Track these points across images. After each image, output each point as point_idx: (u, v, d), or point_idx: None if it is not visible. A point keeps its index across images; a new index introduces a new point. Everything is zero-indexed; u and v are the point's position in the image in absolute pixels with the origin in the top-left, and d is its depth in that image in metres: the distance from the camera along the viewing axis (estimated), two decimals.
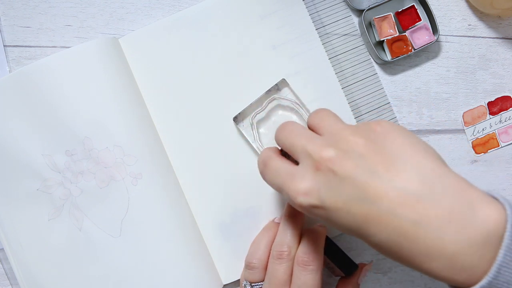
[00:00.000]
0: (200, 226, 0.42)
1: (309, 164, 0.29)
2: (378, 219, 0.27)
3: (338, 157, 0.28)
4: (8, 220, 0.40)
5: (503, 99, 0.45)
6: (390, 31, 0.43)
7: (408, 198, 0.26)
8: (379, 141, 0.29)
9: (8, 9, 0.43)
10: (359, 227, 0.28)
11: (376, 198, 0.27)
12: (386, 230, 0.27)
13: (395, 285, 0.44)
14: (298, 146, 0.31)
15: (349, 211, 0.27)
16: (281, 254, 0.36)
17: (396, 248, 0.27)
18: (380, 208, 0.27)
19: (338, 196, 0.28)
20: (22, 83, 0.40)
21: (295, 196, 0.29)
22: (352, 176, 0.27)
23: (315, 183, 0.28)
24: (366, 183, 0.27)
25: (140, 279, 0.40)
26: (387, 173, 0.27)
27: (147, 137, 0.41)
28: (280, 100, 0.42)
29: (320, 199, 0.28)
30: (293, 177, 0.30)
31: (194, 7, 0.43)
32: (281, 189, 0.31)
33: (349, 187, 0.27)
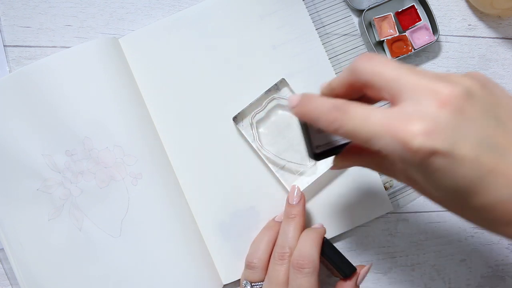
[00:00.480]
0: (200, 226, 0.42)
1: (429, 100, 0.23)
2: (508, 171, 0.23)
3: (467, 96, 0.24)
4: (8, 220, 0.40)
5: None
6: (390, 31, 0.43)
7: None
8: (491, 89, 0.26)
9: (8, 9, 0.43)
10: (480, 180, 0.23)
11: (506, 148, 0.23)
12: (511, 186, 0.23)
13: (395, 285, 0.44)
14: (406, 78, 0.24)
15: (477, 159, 0.23)
16: (283, 255, 0.36)
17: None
18: (510, 158, 0.23)
19: (466, 140, 0.23)
20: (22, 83, 0.40)
21: (412, 138, 0.23)
22: (482, 119, 0.23)
23: (439, 123, 0.23)
24: (496, 130, 0.24)
25: (140, 279, 0.40)
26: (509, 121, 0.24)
27: (147, 137, 0.41)
28: (279, 99, 0.42)
29: (448, 142, 0.23)
30: (404, 116, 0.23)
31: (194, 7, 0.43)
32: (377, 137, 0.24)
33: (480, 131, 0.23)
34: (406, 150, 0.23)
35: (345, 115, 0.26)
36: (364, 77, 0.26)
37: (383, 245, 0.44)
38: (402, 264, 0.44)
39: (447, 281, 0.44)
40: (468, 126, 0.23)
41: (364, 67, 0.26)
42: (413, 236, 0.44)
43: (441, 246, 0.44)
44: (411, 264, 0.44)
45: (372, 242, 0.44)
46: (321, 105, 0.27)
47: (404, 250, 0.44)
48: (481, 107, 0.24)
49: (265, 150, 0.41)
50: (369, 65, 0.26)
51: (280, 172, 0.42)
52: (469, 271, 0.44)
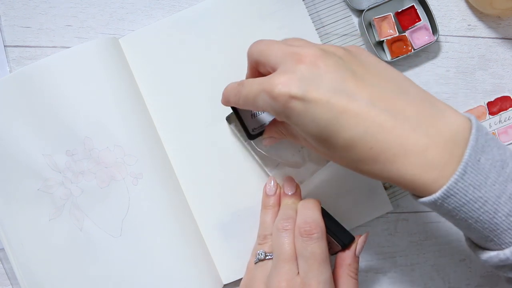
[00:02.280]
0: (200, 226, 0.42)
1: (290, 61, 0.29)
2: (358, 111, 0.27)
3: (322, 54, 0.29)
4: (9, 220, 0.40)
5: (502, 99, 0.45)
6: (390, 31, 0.43)
7: (385, 95, 0.28)
8: (356, 54, 0.31)
9: (8, 9, 0.43)
10: (335, 120, 0.27)
11: (356, 92, 0.27)
12: (364, 122, 0.27)
13: (395, 284, 0.44)
14: (278, 50, 0.30)
15: (329, 102, 0.27)
16: (286, 225, 0.36)
17: (370, 143, 0.27)
18: (360, 101, 0.27)
19: (319, 87, 0.27)
20: (23, 83, 0.40)
21: (274, 88, 0.28)
22: (334, 70, 0.28)
23: (296, 74, 0.28)
24: (347, 78, 0.28)
25: (141, 278, 0.40)
26: (366, 74, 0.29)
27: (147, 137, 0.41)
28: None
29: (300, 88, 0.28)
30: (273, 75, 0.29)
31: (194, 7, 0.43)
32: (258, 95, 0.30)
33: (331, 80, 0.28)
34: (272, 99, 0.28)
35: (242, 86, 0.32)
36: (253, 57, 0.32)
37: (383, 245, 0.44)
38: (402, 264, 0.44)
39: (447, 281, 0.44)
40: (321, 76, 0.28)
41: (252, 49, 0.33)
42: (413, 236, 0.44)
43: (440, 246, 0.44)
44: (411, 264, 0.44)
45: (372, 242, 0.44)
46: (231, 85, 0.34)
47: (404, 250, 0.44)
48: (336, 62, 0.28)
49: (258, 150, 0.41)
50: (255, 47, 0.32)
51: (274, 171, 0.42)
52: (469, 271, 0.44)
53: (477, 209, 0.27)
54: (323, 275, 0.34)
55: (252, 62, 0.33)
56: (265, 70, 0.32)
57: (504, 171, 0.27)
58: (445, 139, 0.27)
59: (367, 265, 0.44)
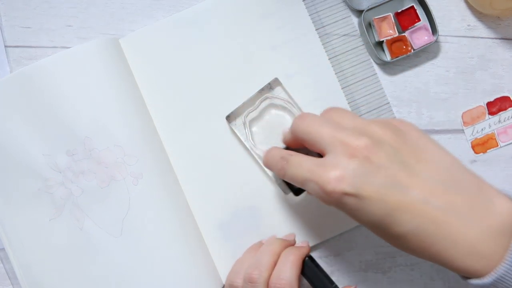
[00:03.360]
0: (200, 226, 0.42)
1: (341, 152, 0.29)
2: (411, 207, 0.28)
3: (374, 146, 0.29)
4: (9, 220, 0.40)
5: (502, 99, 0.45)
6: (389, 32, 0.43)
7: (438, 188, 0.28)
8: (403, 135, 0.31)
9: (9, 10, 0.43)
10: (388, 216, 0.28)
11: (409, 187, 0.28)
12: (417, 218, 0.28)
13: (395, 285, 0.44)
14: (326, 135, 0.30)
15: (382, 199, 0.28)
16: (252, 278, 0.35)
17: (422, 237, 0.28)
18: (413, 196, 0.28)
19: (373, 184, 0.28)
20: (23, 83, 0.40)
21: (327, 184, 0.28)
22: (386, 165, 0.28)
23: (348, 170, 0.28)
24: (400, 172, 0.28)
25: (141, 278, 0.40)
26: (418, 165, 0.29)
27: (147, 137, 0.41)
28: (272, 99, 0.43)
29: (354, 186, 0.28)
30: (324, 165, 0.29)
31: (194, 8, 0.43)
32: (307, 181, 0.30)
33: (384, 175, 0.28)
34: (324, 193, 0.29)
35: (287, 164, 0.32)
36: (299, 136, 0.32)
37: (383, 245, 0.44)
38: (402, 264, 0.44)
39: (447, 281, 0.44)
40: (374, 171, 0.28)
41: (298, 128, 0.32)
42: None
43: None
44: (411, 264, 0.44)
45: (372, 242, 0.44)
46: (273, 156, 0.34)
47: None
48: (388, 154, 0.29)
49: (258, 149, 0.42)
50: (301, 125, 0.32)
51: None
52: None
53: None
54: None
55: (297, 138, 0.33)
56: (311, 148, 0.32)
57: None
58: (494, 230, 0.28)
59: (367, 265, 0.44)
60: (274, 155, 0.34)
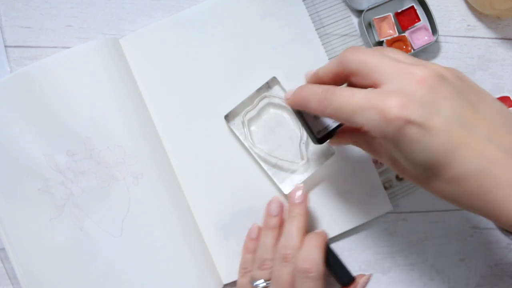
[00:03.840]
0: (200, 226, 0.42)
1: (406, 79, 0.27)
2: (475, 145, 0.26)
3: (441, 77, 0.27)
4: (10, 219, 0.40)
5: (502, 99, 0.45)
6: (389, 32, 0.44)
7: (500, 129, 0.27)
8: (462, 78, 0.29)
9: (9, 10, 0.43)
10: (449, 152, 0.26)
11: (475, 125, 0.26)
12: (479, 157, 0.26)
13: (394, 284, 0.44)
14: (387, 65, 0.28)
15: (447, 132, 0.26)
16: (286, 256, 0.35)
17: (482, 179, 0.26)
18: (479, 134, 0.26)
19: (440, 115, 0.26)
20: (23, 83, 0.40)
21: (389, 108, 0.26)
22: (453, 98, 0.26)
23: (416, 96, 0.26)
24: (466, 107, 0.26)
25: (141, 278, 0.40)
26: (481, 105, 0.27)
27: (147, 137, 0.41)
28: (271, 98, 0.43)
29: (420, 114, 0.25)
30: (384, 93, 0.27)
31: (194, 8, 0.43)
32: (361, 109, 0.27)
33: (452, 108, 0.26)
34: (384, 121, 0.26)
35: (333, 94, 0.29)
36: (351, 66, 0.29)
37: (383, 244, 0.44)
38: (402, 263, 0.44)
39: (446, 281, 0.44)
40: (441, 102, 0.26)
41: (352, 57, 0.29)
42: (413, 236, 0.44)
43: (440, 246, 0.44)
44: (411, 263, 0.44)
45: (372, 241, 0.44)
46: (312, 89, 0.31)
47: (404, 250, 0.44)
48: (453, 88, 0.27)
49: (257, 148, 0.42)
50: (356, 55, 0.29)
51: (272, 170, 0.42)
52: (468, 270, 0.45)
53: None
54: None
55: (344, 70, 0.30)
56: (362, 82, 0.29)
57: None
58: None
59: (367, 265, 0.44)
60: (312, 88, 0.31)
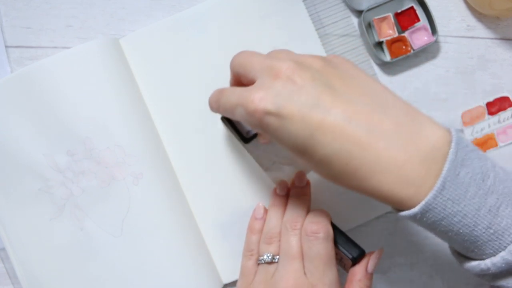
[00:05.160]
0: (200, 226, 0.42)
1: (267, 75, 0.29)
2: (333, 127, 0.27)
3: (298, 68, 0.29)
4: (10, 219, 0.40)
5: (501, 99, 0.45)
6: (389, 32, 0.44)
7: (362, 109, 0.28)
8: (333, 64, 0.30)
9: (9, 10, 0.43)
10: (310, 136, 0.27)
11: (332, 107, 0.27)
12: (340, 138, 0.27)
13: (394, 284, 0.44)
14: (256, 63, 0.31)
15: (303, 118, 0.27)
16: (296, 225, 0.35)
17: (346, 159, 0.27)
18: (336, 116, 0.27)
19: (294, 103, 0.28)
20: (24, 83, 0.40)
21: (250, 103, 0.28)
22: (309, 85, 0.28)
23: (271, 90, 0.28)
24: (322, 92, 0.28)
25: (141, 278, 0.40)
26: (343, 87, 0.29)
27: (147, 137, 0.41)
28: None
29: (275, 104, 0.28)
30: (250, 89, 0.29)
31: (195, 8, 0.43)
32: (235, 106, 0.30)
33: (306, 95, 0.28)
34: (248, 114, 0.29)
35: (221, 94, 0.33)
36: (234, 69, 0.33)
37: (383, 244, 0.44)
38: (401, 263, 0.44)
39: (446, 281, 0.44)
40: (297, 91, 0.28)
41: (233, 61, 0.33)
42: (412, 236, 0.44)
43: (440, 245, 0.44)
44: (410, 263, 0.44)
45: (372, 241, 0.44)
46: (214, 93, 0.35)
47: (403, 250, 0.44)
48: (311, 76, 0.28)
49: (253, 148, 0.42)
50: (236, 58, 0.33)
51: (270, 169, 0.42)
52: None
53: (457, 222, 0.27)
54: (328, 277, 0.34)
55: (233, 73, 0.34)
56: (246, 81, 0.32)
57: (484, 184, 0.27)
58: (423, 155, 0.27)
59: None
60: (214, 93, 0.35)
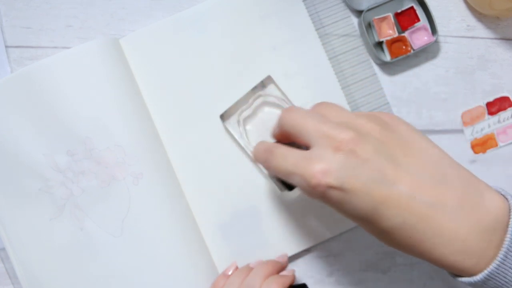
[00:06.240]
0: (200, 226, 0.42)
1: (326, 145, 0.28)
2: (397, 202, 0.27)
3: (359, 140, 0.28)
4: (10, 219, 0.40)
5: (501, 99, 0.45)
6: (389, 32, 0.44)
7: (425, 182, 0.28)
8: (390, 128, 0.30)
9: (9, 10, 0.43)
10: (375, 210, 0.27)
11: (396, 182, 0.27)
12: (404, 213, 0.27)
13: (394, 284, 0.44)
14: (311, 128, 0.29)
15: (368, 193, 0.27)
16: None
17: (409, 232, 0.28)
18: (400, 191, 0.27)
19: (358, 177, 0.27)
20: (24, 83, 0.40)
21: (312, 177, 0.28)
22: (372, 158, 0.28)
23: (334, 163, 0.28)
24: (386, 166, 0.28)
25: (141, 278, 0.40)
26: (405, 158, 0.28)
27: (147, 137, 0.41)
28: (266, 97, 0.43)
29: (339, 179, 0.27)
30: (309, 158, 0.29)
31: (195, 8, 0.43)
32: (291, 174, 0.30)
33: (370, 169, 0.27)
34: (309, 187, 0.28)
35: (271, 155, 0.32)
36: (285, 129, 0.32)
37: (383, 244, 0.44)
38: (402, 263, 0.44)
39: (446, 281, 0.44)
40: (360, 166, 0.27)
41: (285, 121, 0.32)
42: None
43: None
44: (411, 263, 0.44)
45: (372, 242, 0.44)
46: (258, 149, 0.34)
47: None
48: (373, 147, 0.28)
49: (252, 147, 0.42)
50: (287, 118, 0.32)
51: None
52: None
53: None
54: None
55: (283, 131, 0.33)
56: (297, 140, 0.31)
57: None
58: (484, 227, 0.27)
59: (366, 265, 0.44)
60: (259, 148, 0.34)
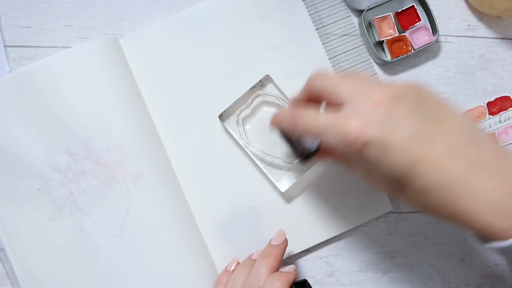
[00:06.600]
0: (200, 226, 0.42)
1: (364, 103, 0.28)
2: (435, 161, 0.27)
3: (397, 99, 0.28)
4: (9, 219, 0.40)
5: (502, 99, 0.45)
6: (389, 31, 0.43)
7: (462, 143, 0.28)
8: (424, 92, 0.30)
9: (9, 10, 0.43)
10: (412, 168, 0.27)
11: (434, 140, 0.27)
12: (441, 172, 0.27)
13: (394, 284, 0.44)
14: (346, 88, 0.30)
15: (406, 150, 0.27)
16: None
17: (445, 191, 0.27)
18: (437, 149, 0.27)
19: (396, 134, 0.27)
20: (23, 83, 0.40)
21: (349, 132, 0.27)
22: (410, 116, 0.28)
23: (373, 118, 0.27)
24: (423, 125, 0.28)
25: (140, 278, 0.40)
26: (440, 120, 0.29)
27: (147, 137, 0.41)
28: (264, 96, 0.43)
29: (378, 135, 0.27)
30: (344, 116, 0.28)
31: (194, 7, 0.43)
32: (324, 132, 0.29)
33: (408, 126, 0.27)
34: (346, 142, 0.28)
35: (299, 117, 0.32)
36: (317, 90, 0.32)
37: (383, 245, 0.44)
38: (402, 263, 0.44)
39: (447, 281, 0.44)
40: (399, 121, 0.28)
41: (316, 83, 0.32)
42: (413, 236, 0.44)
43: (440, 245, 0.44)
44: (411, 263, 0.44)
45: (372, 242, 0.44)
46: (281, 113, 0.35)
47: (404, 250, 0.44)
48: (410, 107, 0.28)
49: (252, 147, 0.42)
50: (320, 80, 0.32)
51: (268, 168, 0.42)
52: (469, 270, 0.45)
53: None
54: None
55: (312, 93, 0.33)
56: (328, 102, 0.32)
57: None
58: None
59: (367, 265, 0.44)
60: (283, 112, 0.35)
